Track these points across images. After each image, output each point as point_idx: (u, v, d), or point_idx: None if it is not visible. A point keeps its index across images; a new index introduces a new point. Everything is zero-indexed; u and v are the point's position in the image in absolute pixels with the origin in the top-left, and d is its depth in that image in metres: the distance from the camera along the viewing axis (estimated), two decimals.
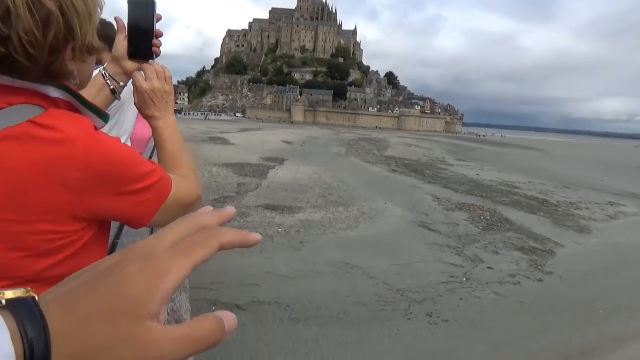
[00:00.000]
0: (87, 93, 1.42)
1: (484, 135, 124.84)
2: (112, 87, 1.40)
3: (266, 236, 9.88)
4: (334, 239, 10.17)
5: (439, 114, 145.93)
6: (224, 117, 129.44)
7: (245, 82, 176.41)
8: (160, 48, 1.36)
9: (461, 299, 7.48)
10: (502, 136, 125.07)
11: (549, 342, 6.30)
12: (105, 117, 1.12)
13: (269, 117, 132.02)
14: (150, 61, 1.34)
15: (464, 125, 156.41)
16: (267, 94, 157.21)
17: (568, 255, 10.40)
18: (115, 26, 1.36)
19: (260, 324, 6.20)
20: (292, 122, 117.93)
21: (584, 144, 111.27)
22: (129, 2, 1.24)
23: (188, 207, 1.17)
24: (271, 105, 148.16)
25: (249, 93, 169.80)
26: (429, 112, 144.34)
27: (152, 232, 1.52)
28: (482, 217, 13.33)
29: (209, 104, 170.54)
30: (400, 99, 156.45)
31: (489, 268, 9.04)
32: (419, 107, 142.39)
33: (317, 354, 5.59)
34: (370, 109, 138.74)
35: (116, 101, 1.47)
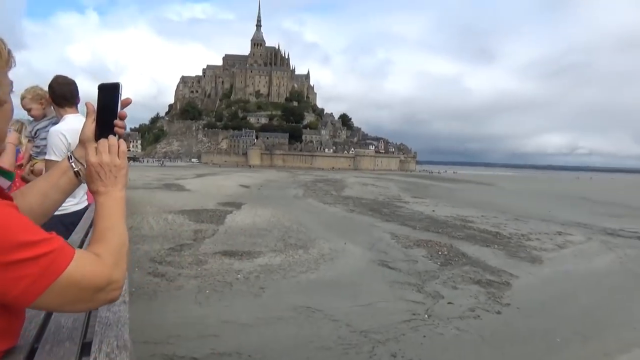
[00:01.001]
0: (50, 175, 1.39)
1: (438, 172, 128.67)
2: (76, 170, 1.36)
3: (224, 283, 9.62)
4: (295, 283, 10.03)
5: (393, 152, 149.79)
6: (180, 162, 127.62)
7: (200, 127, 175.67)
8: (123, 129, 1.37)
9: (424, 336, 7.48)
10: (454, 172, 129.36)
11: None
12: (9, 175, 1.06)
13: (225, 161, 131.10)
14: (110, 136, 1.34)
15: (418, 163, 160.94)
16: (222, 139, 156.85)
17: (523, 286, 10.68)
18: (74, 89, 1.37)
19: None
20: (251, 166, 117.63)
21: (530, 177, 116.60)
22: (98, 88, 1.33)
23: (93, 291, 1.00)
24: (227, 150, 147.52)
25: (204, 138, 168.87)
26: (383, 151, 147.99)
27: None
28: (440, 253, 13.56)
29: (164, 150, 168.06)
30: (355, 139, 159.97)
31: (449, 303, 9.13)
32: (373, 147, 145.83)
33: None
34: (326, 150, 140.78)
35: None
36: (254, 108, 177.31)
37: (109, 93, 1.34)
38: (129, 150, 1.76)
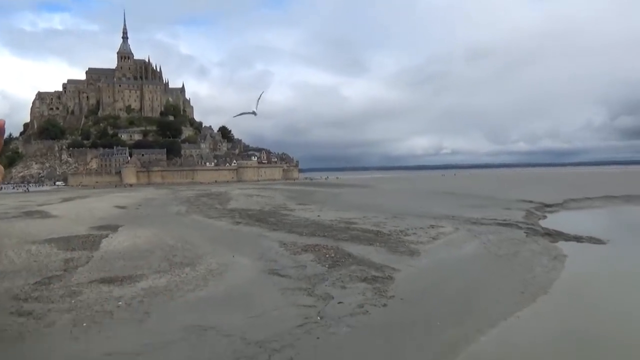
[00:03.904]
0: None
1: (322, 179, 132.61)
2: None
3: (104, 313, 8.86)
4: (183, 303, 9.59)
5: (276, 162, 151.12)
6: (45, 187, 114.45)
7: (64, 146, 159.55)
8: None
9: (318, 338, 7.64)
10: (337, 178, 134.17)
11: None
12: None
13: (97, 182, 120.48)
14: None
15: (300, 171, 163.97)
16: (91, 158, 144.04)
17: (405, 278, 11.45)
18: None
19: None
20: (130, 185, 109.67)
21: (403, 178, 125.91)
22: None
23: None
24: (98, 170, 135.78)
25: (69, 159, 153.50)
26: (266, 161, 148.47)
27: None
28: (327, 256, 13.96)
29: (21, 174, 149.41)
30: (237, 151, 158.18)
31: (339, 303, 9.44)
32: (256, 157, 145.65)
33: None
34: (207, 163, 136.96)
35: None
36: (125, 124, 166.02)
37: None
38: None
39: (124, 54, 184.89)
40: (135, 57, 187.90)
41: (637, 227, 22.51)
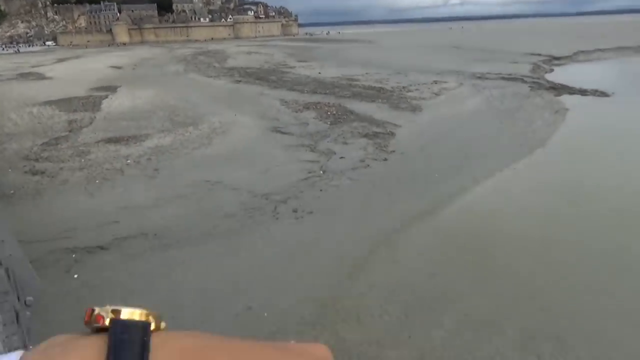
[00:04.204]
0: None
1: (322, 34, 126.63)
2: None
3: (115, 171, 9.20)
4: (190, 160, 9.89)
5: (274, 17, 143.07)
6: (35, 48, 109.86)
7: (48, 3, 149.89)
8: None
9: (321, 190, 8.02)
10: (338, 33, 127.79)
11: (397, 211, 7.19)
12: None
13: (89, 41, 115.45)
14: None
15: (300, 26, 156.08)
16: (78, 15, 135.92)
17: (406, 134, 11.61)
18: None
19: (129, 259, 5.97)
20: (124, 44, 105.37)
21: (408, 32, 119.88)
22: None
23: None
24: (87, 28, 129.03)
25: (55, 16, 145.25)
26: (263, 16, 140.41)
27: None
28: (329, 113, 13.98)
29: (7, 34, 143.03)
30: (232, 5, 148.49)
31: (341, 158, 9.72)
32: (252, 12, 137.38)
33: (194, 271, 5.65)
34: (202, 19, 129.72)
35: None
36: None
37: None
38: None
39: None
40: None
41: None
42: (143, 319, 0.37)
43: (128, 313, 0.36)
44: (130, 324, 0.36)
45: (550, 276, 5.36)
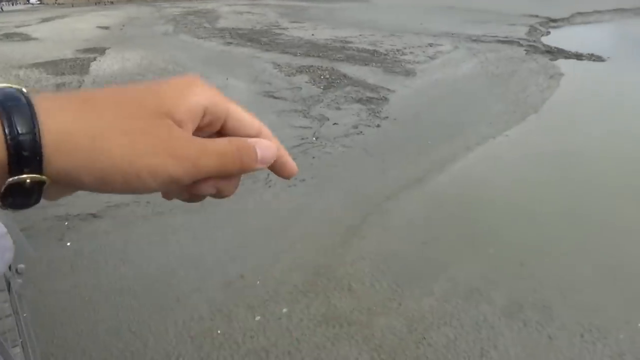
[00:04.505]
0: None
1: None
2: None
3: None
4: None
5: None
6: (19, 6, 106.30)
7: None
8: None
9: (313, 157, 8.00)
10: None
11: (390, 179, 7.22)
12: None
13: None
14: None
15: None
16: None
17: (399, 99, 11.51)
18: None
19: (123, 226, 6.00)
20: (111, 2, 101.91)
21: None
22: None
23: None
24: None
25: None
26: None
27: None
28: (322, 77, 13.77)
29: None
30: None
31: (334, 124, 9.65)
32: None
33: (188, 238, 5.69)
34: None
35: None
36: None
37: None
38: None
39: None
40: None
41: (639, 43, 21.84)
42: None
43: None
44: (3, 88, 0.38)
45: (540, 244, 5.46)
